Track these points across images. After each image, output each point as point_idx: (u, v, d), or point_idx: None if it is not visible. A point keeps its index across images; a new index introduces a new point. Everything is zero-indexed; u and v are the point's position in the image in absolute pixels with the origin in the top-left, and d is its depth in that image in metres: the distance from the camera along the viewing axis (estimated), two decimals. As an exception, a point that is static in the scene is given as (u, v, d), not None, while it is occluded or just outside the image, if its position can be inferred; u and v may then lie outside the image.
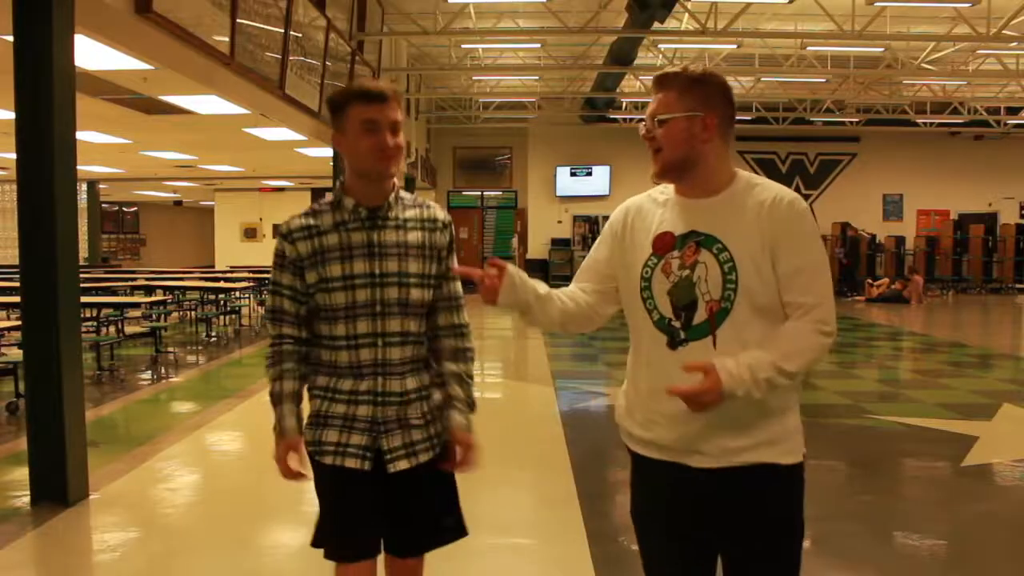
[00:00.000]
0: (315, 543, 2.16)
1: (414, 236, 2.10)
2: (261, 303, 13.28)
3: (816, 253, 1.78)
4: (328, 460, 2.08)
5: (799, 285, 1.75)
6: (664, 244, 1.82)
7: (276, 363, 2.12)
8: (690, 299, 1.77)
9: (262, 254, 17.04)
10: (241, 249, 21.42)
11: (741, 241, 1.75)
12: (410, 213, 2.12)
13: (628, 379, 1.94)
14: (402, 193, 2.14)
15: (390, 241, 2.07)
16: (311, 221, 2.07)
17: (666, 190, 1.90)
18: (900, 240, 20.32)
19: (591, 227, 20.13)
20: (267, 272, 2.10)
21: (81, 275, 5.00)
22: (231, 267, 17.95)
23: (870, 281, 18.46)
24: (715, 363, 1.68)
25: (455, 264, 2.17)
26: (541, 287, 1.95)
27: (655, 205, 1.89)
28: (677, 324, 1.78)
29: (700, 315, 1.76)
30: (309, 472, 2.13)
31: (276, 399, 2.11)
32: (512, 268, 1.90)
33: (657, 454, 1.86)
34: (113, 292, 11.34)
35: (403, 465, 2.09)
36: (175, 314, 13.03)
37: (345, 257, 2.04)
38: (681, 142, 1.78)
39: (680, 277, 1.78)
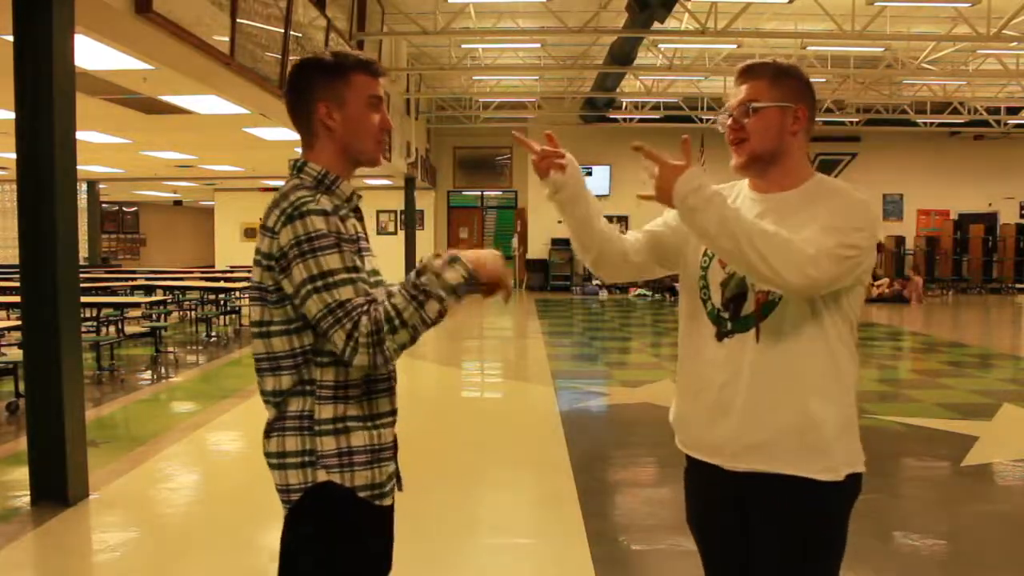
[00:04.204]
0: None
1: None
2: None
3: (847, 217, 1.65)
4: (389, 501, 1.71)
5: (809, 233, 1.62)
6: None
7: (386, 307, 1.55)
8: (740, 290, 1.74)
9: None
10: (241, 249, 21.38)
11: (794, 232, 1.66)
12: None
13: (678, 376, 1.90)
14: None
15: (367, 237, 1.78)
16: (326, 200, 1.63)
17: (737, 183, 1.86)
18: (900, 240, 20.31)
19: (591, 227, 20.09)
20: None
21: (81, 275, 5.00)
22: (231, 267, 17.95)
23: (870, 281, 18.43)
24: (692, 169, 1.62)
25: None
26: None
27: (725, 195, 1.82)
28: (726, 315, 1.75)
29: (748, 306, 1.73)
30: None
31: (430, 290, 1.56)
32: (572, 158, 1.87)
33: (699, 454, 1.83)
34: (113, 292, 11.34)
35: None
36: (175, 314, 13.04)
37: (364, 249, 1.69)
38: (772, 133, 1.74)
39: (733, 268, 1.75)
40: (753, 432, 1.70)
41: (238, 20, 6.45)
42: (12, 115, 4.18)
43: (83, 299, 6.13)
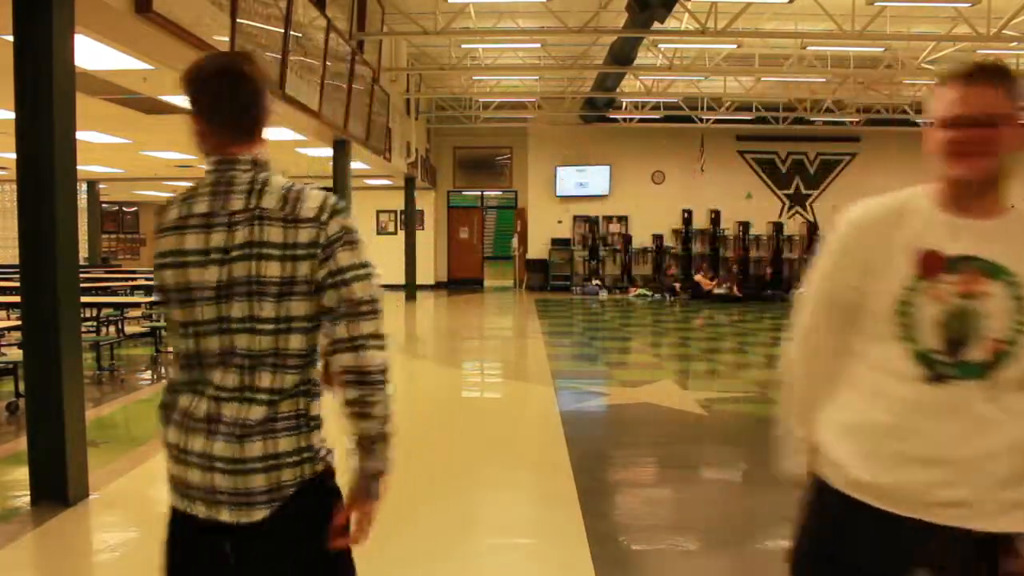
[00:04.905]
0: None
1: None
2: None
3: None
4: None
5: None
6: (933, 266, 1.58)
7: None
8: (966, 333, 1.55)
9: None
10: (241, 249, 21.37)
11: None
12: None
13: (849, 414, 1.68)
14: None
15: None
16: None
17: (911, 198, 1.67)
18: (900, 240, 20.30)
19: (591, 227, 20.13)
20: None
21: (81, 275, 5.00)
22: (231, 267, 17.93)
23: None
24: None
25: None
26: (807, 437, 1.76)
27: (896, 215, 1.66)
28: (944, 358, 1.56)
29: (975, 353, 1.54)
30: None
31: None
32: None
33: (891, 505, 1.60)
34: (113, 292, 11.34)
35: None
36: (175, 314, 13.01)
37: None
38: (1015, 148, 1.54)
39: (955, 306, 1.56)
40: (1000, 482, 1.54)
41: (238, 20, 6.45)
42: (12, 115, 4.17)
43: (83, 299, 6.13)
